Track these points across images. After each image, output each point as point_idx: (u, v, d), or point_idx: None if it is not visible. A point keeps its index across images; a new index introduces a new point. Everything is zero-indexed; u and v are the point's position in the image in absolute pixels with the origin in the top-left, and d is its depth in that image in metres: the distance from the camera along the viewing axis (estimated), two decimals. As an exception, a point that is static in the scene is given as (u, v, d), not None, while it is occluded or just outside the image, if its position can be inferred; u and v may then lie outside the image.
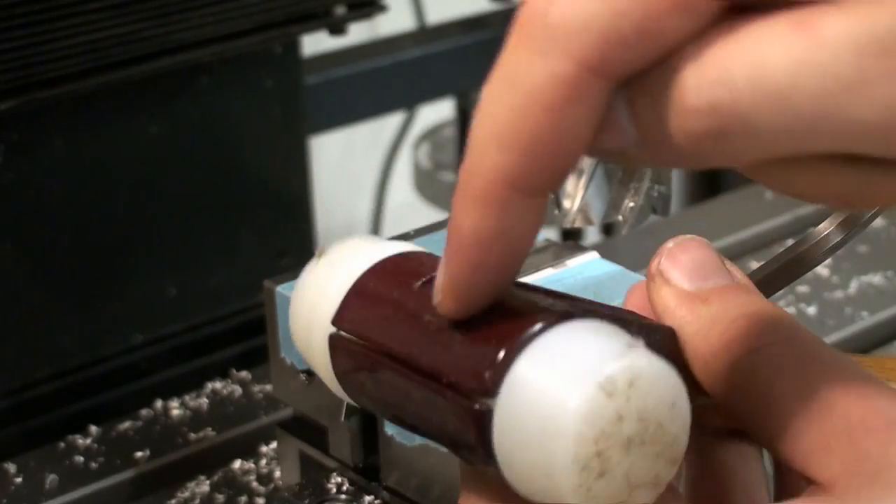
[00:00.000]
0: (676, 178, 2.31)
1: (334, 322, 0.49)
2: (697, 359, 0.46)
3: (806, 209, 1.09)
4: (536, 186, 0.40)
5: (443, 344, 0.45)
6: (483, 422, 0.42)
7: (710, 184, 2.53)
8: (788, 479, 0.49)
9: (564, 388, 0.40)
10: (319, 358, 0.50)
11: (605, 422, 0.40)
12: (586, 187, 0.75)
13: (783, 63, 0.36)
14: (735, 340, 0.45)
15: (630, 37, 0.38)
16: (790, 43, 0.36)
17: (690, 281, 0.47)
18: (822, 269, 1.01)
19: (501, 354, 0.42)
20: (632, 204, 0.75)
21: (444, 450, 0.49)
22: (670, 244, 0.48)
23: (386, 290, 0.48)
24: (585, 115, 0.39)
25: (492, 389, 0.42)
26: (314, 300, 0.50)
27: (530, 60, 0.39)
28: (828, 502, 0.42)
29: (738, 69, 0.37)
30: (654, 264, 0.48)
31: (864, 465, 0.41)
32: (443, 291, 0.43)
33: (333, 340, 0.49)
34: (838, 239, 0.52)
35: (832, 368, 0.44)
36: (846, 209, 0.53)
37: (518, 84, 0.39)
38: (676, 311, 0.47)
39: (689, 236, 0.49)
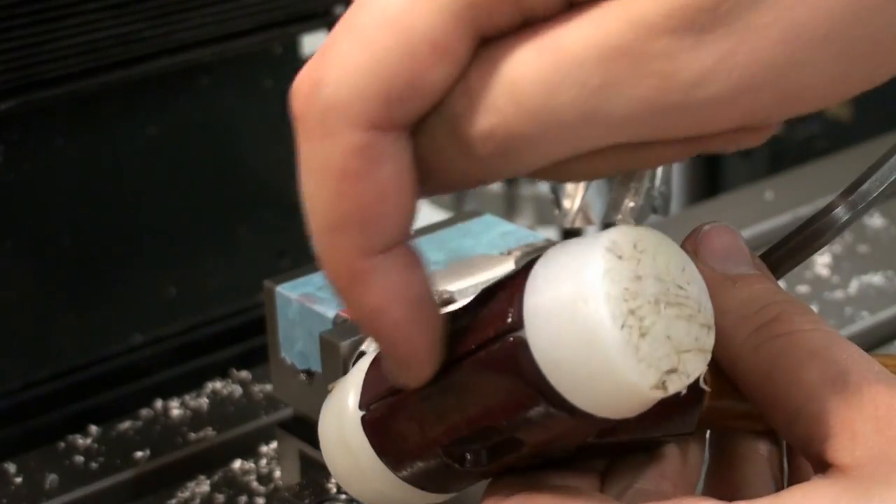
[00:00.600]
0: (676, 178, 2.31)
1: (361, 407, 0.49)
2: (724, 339, 0.47)
3: (806, 209, 1.09)
4: (388, 243, 0.42)
5: (452, 338, 0.45)
6: (523, 351, 0.42)
7: (710, 184, 2.53)
8: (797, 466, 0.50)
9: (578, 271, 0.42)
10: (373, 472, 0.50)
11: (625, 280, 0.42)
12: (586, 187, 0.75)
13: (537, 82, 0.40)
14: (764, 325, 0.47)
15: (404, 93, 0.41)
16: (539, 63, 0.40)
17: (722, 264, 0.49)
18: (822, 270, 1.01)
19: (509, 294, 0.43)
20: (632, 204, 0.75)
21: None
22: (706, 227, 0.50)
23: None
24: (396, 166, 0.42)
25: (517, 321, 0.43)
26: (339, 425, 0.50)
27: (322, 146, 0.42)
28: (848, 485, 0.43)
29: (500, 97, 0.40)
30: (688, 244, 0.50)
31: (892, 452, 0.43)
32: (400, 372, 0.45)
33: (365, 421, 0.49)
34: (846, 218, 0.53)
35: (860, 360, 0.45)
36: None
37: (319, 170, 0.42)
38: (718, 288, 0.48)
39: (722, 224, 0.51)
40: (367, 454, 0.49)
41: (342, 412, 0.50)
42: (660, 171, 0.74)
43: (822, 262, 1.03)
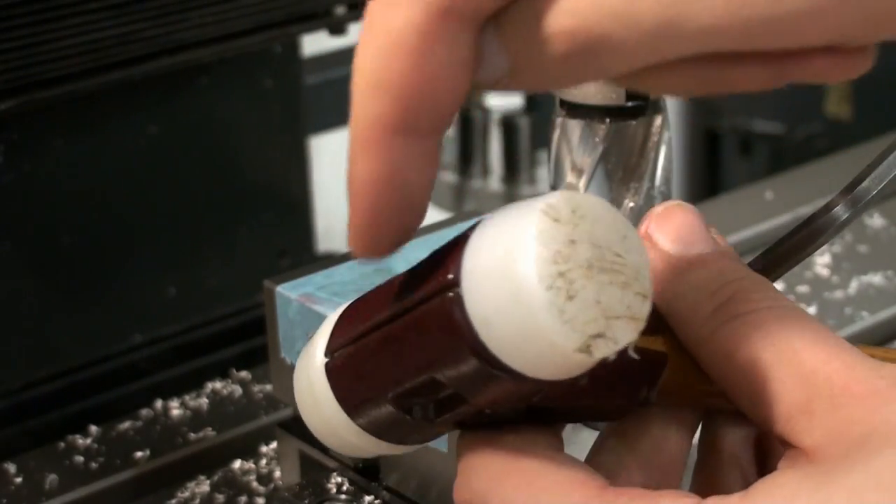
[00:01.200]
0: (676, 178, 2.31)
1: (325, 355, 0.50)
2: (684, 324, 0.47)
3: (806, 209, 1.09)
4: (417, 128, 0.42)
5: (401, 293, 0.46)
6: (457, 307, 0.43)
7: (710, 184, 2.53)
8: (769, 448, 0.50)
9: (513, 231, 0.42)
10: (335, 419, 0.51)
11: (558, 243, 0.42)
12: (586, 187, 0.75)
13: None
14: (721, 306, 0.46)
15: None
16: None
17: (676, 246, 0.48)
18: (822, 269, 1.01)
19: (453, 253, 0.44)
20: (632, 204, 0.75)
21: (443, 450, 0.49)
22: (658, 209, 0.49)
23: (352, 312, 0.50)
24: (448, 56, 0.41)
25: (455, 279, 0.43)
26: (307, 373, 0.51)
27: (386, 10, 0.42)
28: (810, 471, 0.42)
29: None
30: (642, 228, 0.49)
31: (848, 432, 0.42)
32: (350, 236, 0.45)
33: (327, 368, 0.50)
34: (845, 217, 0.53)
35: (815, 337, 0.44)
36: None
37: (379, 34, 0.42)
38: (662, 276, 0.48)
39: (676, 202, 0.50)
40: (329, 401, 0.50)
41: (310, 360, 0.51)
42: (660, 171, 0.75)
43: (822, 262, 1.03)
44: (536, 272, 0.41)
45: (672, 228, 0.49)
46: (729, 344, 0.45)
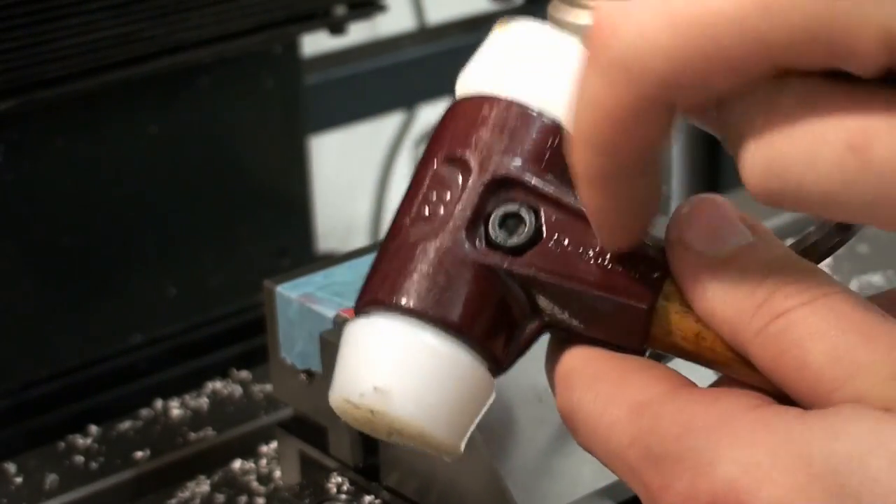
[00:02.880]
0: (676, 178, 2.31)
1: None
2: (732, 329, 0.47)
3: (806, 209, 1.09)
4: (629, 173, 0.46)
5: None
6: None
7: (710, 184, 2.53)
8: None
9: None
10: None
11: (358, 418, 0.50)
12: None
13: (834, 175, 0.41)
14: (760, 308, 0.46)
15: (686, 84, 0.43)
16: (843, 160, 0.41)
17: (710, 244, 0.48)
18: (822, 269, 1.01)
19: None
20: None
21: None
22: (685, 208, 0.49)
23: None
24: (654, 128, 0.44)
25: None
26: None
27: (599, 83, 0.44)
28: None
29: (792, 166, 0.42)
30: (672, 232, 0.49)
31: None
32: (604, 239, 0.49)
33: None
34: (838, 239, 0.52)
35: (858, 325, 0.44)
36: None
37: (592, 102, 0.44)
38: (699, 277, 0.48)
39: (703, 196, 0.50)
40: None
41: None
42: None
43: (822, 262, 1.03)
44: (343, 422, 0.52)
45: (702, 227, 0.49)
46: (773, 348, 0.45)
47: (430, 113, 1.93)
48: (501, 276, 0.50)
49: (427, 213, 0.51)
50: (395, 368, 0.49)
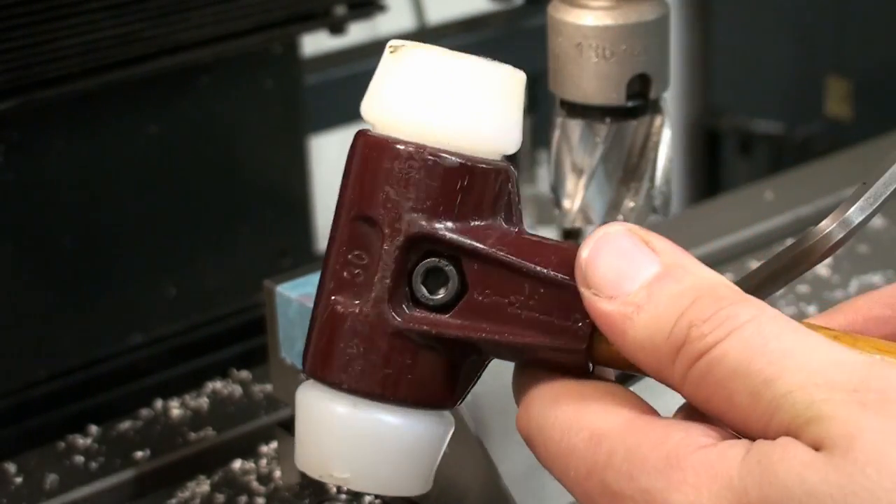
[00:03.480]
0: (676, 178, 2.31)
1: None
2: (657, 375, 0.48)
3: (806, 209, 1.09)
4: None
5: None
6: None
7: (710, 184, 2.53)
8: None
9: None
10: None
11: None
12: (586, 187, 0.75)
13: None
14: (681, 352, 0.47)
15: None
16: None
17: (616, 287, 0.48)
18: (822, 269, 1.01)
19: None
20: (632, 204, 0.75)
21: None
22: (585, 251, 0.49)
23: None
24: None
25: None
26: None
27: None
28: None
29: None
30: (578, 279, 0.49)
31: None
32: None
33: None
34: (838, 238, 0.52)
35: (779, 353, 0.45)
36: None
37: None
38: (615, 326, 0.48)
39: (602, 232, 0.49)
40: None
41: None
42: (660, 171, 0.74)
43: (820, 263, 1.02)
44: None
45: (605, 270, 0.49)
46: (701, 390, 0.47)
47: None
48: (434, 342, 0.50)
49: (348, 277, 0.51)
50: (346, 453, 0.50)
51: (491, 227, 0.50)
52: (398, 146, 0.50)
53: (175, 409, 0.90)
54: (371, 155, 0.50)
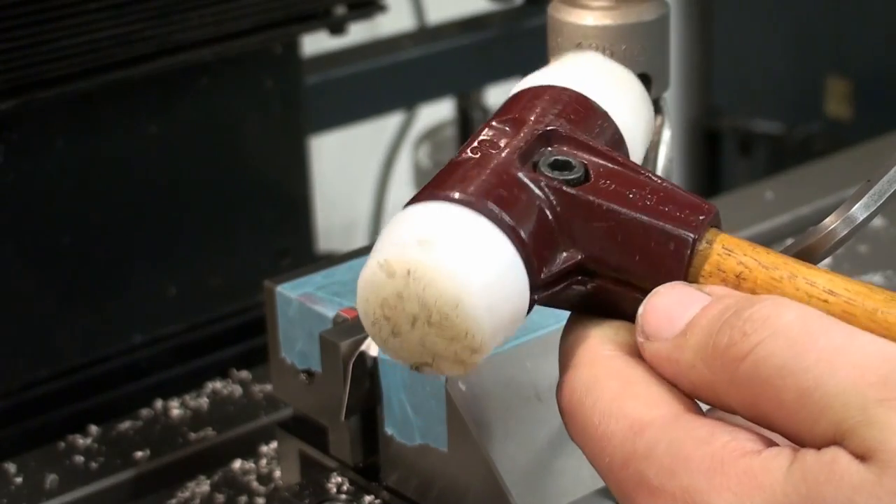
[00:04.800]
0: (676, 178, 2.31)
1: None
2: (705, 388, 0.48)
3: (806, 209, 1.09)
4: None
5: None
6: None
7: (710, 184, 2.53)
8: None
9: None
10: None
11: (385, 294, 0.49)
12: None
13: None
14: (724, 356, 0.47)
15: None
16: None
17: (670, 330, 0.49)
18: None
19: None
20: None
21: (443, 450, 0.49)
22: (641, 309, 0.50)
23: None
24: None
25: None
26: None
27: None
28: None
29: None
30: (637, 333, 0.50)
31: None
32: None
33: None
34: (842, 235, 0.52)
35: (824, 351, 0.45)
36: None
37: None
38: (673, 357, 0.48)
39: (655, 292, 0.50)
40: None
41: None
42: (660, 171, 0.74)
43: (822, 261, 1.03)
44: (363, 310, 0.50)
45: (654, 324, 0.49)
46: (748, 392, 0.46)
47: (430, 113, 1.93)
48: (551, 199, 0.51)
49: (485, 145, 0.53)
50: (444, 227, 0.49)
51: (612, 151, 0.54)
52: (557, 84, 0.56)
53: (175, 409, 0.90)
54: (527, 91, 0.56)
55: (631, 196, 0.51)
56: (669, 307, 0.49)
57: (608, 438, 0.48)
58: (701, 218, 0.50)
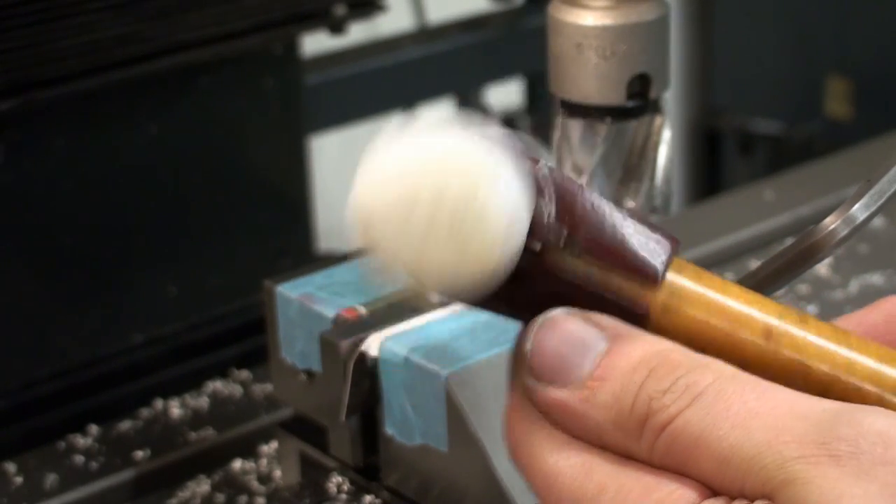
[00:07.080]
0: (677, 178, 2.31)
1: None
2: (619, 450, 0.46)
3: (806, 209, 1.09)
4: None
5: None
6: None
7: (710, 184, 2.53)
8: None
9: None
10: None
11: (385, 216, 0.48)
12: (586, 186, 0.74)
13: None
14: (642, 426, 0.46)
15: None
16: None
17: (564, 377, 0.47)
18: (822, 269, 1.01)
19: None
20: (632, 204, 0.75)
21: (443, 450, 0.48)
22: (528, 346, 0.47)
23: None
24: None
25: None
26: None
27: None
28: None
29: None
30: (523, 377, 0.47)
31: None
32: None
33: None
34: (842, 235, 0.52)
35: (736, 419, 0.45)
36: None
37: None
38: (571, 412, 0.47)
39: (543, 321, 0.47)
40: None
41: None
42: (660, 171, 0.75)
43: (822, 262, 1.03)
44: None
45: (548, 366, 0.47)
46: (671, 462, 0.46)
47: (430, 113, 1.93)
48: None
49: None
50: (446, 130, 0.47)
51: None
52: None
53: (175, 409, 0.90)
54: None
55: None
56: (563, 350, 0.47)
57: (556, 475, 0.46)
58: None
